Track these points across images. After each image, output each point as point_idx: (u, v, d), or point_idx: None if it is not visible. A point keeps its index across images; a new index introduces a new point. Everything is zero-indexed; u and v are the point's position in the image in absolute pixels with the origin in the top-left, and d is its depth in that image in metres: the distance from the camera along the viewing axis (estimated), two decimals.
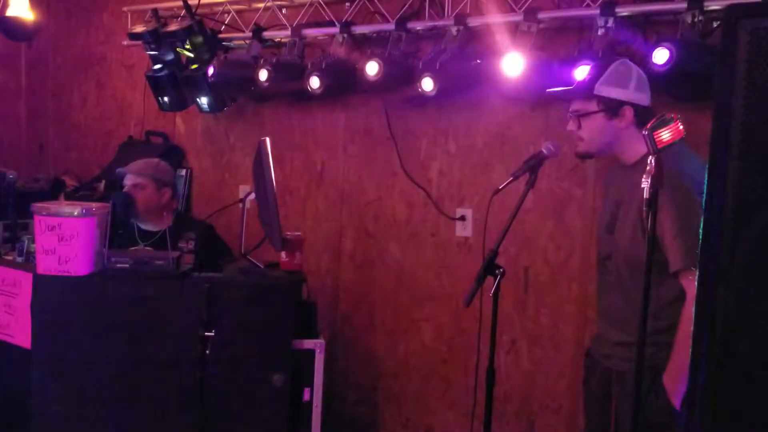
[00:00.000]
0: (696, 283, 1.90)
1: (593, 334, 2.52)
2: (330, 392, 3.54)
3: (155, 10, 3.91)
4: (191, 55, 3.74)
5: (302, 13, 3.49)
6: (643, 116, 2.13)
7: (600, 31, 2.60)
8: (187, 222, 3.34)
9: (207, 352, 2.52)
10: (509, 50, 2.73)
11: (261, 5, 3.63)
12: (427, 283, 3.37)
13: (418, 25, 3.13)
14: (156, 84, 3.91)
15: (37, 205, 2.59)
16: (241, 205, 3.06)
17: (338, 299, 3.66)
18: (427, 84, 2.89)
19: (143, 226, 3.25)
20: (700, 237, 1.53)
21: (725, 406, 1.49)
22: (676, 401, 2.04)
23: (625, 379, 2.15)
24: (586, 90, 2.20)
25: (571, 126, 2.26)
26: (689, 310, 1.97)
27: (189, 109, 3.98)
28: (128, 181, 3.20)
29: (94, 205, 2.71)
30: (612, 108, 2.17)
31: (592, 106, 2.19)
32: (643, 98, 2.19)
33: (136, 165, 3.26)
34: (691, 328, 1.92)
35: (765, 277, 1.44)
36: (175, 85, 3.85)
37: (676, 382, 2.03)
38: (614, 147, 2.24)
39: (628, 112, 2.16)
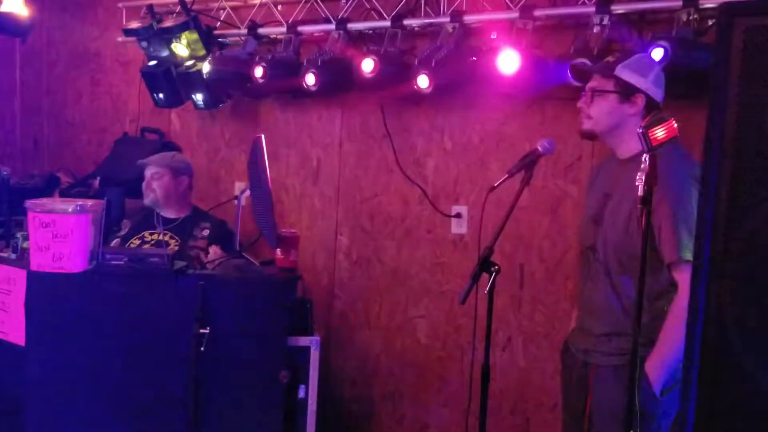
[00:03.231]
0: (689, 277, 1.94)
1: (572, 327, 2.51)
2: (325, 389, 3.54)
3: (150, 6, 3.89)
4: (187, 51, 3.74)
5: (298, 9, 3.49)
6: (652, 110, 2.15)
7: (596, 29, 2.60)
8: (203, 215, 3.52)
9: (202, 349, 2.51)
10: (505, 47, 2.73)
11: (257, 1, 3.63)
12: (422, 281, 3.37)
13: (414, 22, 3.12)
14: (151, 80, 3.90)
15: (31, 202, 2.58)
16: (236, 202, 3.06)
17: (333, 296, 3.66)
18: (423, 81, 2.88)
19: (163, 213, 3.43)
20: (695, 233, 1.54)
21: (718, 402, 1.50)
22: (657, 388, 2.08)
23: (606, 374, 2.19)
24: (607, 68, 2.23)
25: (582, 102, 2.28)
26: (681, 302, 2.00)
27: (184, 105, 3.97)
28: (147, 171, 3.43)
29: (88, 201, 2.70)
30: (626, 92, 2.19)
31: (609, 85, 2.21)
32: (658, 93, 2.20)
33: (154, 157, 3.50)
34: (681, 320, 1.95)
35: (758, 274, 1.44)
36: (170, 82, 3.83)
37: (658, 368, 2.07)
38: (615, 134, 2.24)
39: (640, 101, 2.18)
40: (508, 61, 2.70)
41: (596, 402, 2.22)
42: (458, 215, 3.24)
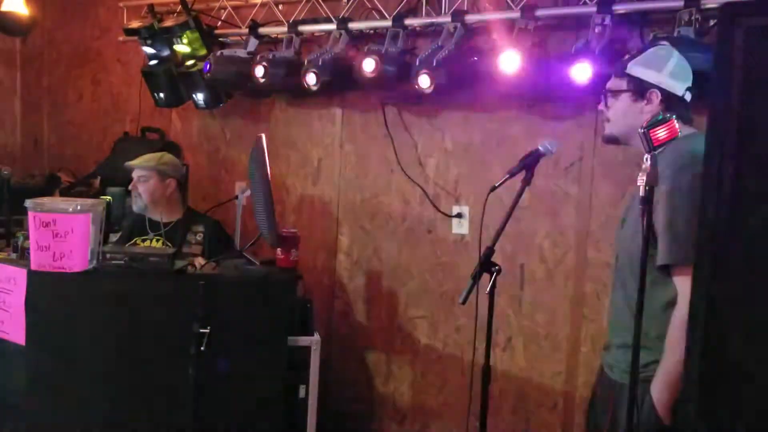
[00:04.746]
0: (688, 282, 1.89)
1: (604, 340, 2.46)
2: (325, 389, 3.54)
3: (151, 6, 3.89)
4: (187, 51, 3.73)
5: (298, 9, 3.49)
6: (673, 105, 2.03)
7: (597, 29, 2.60)
8: (196, 216, 3.41)
9: (202, 348, 2.51)
10: (506, 47, 2.73)
11: (258, 1, 3.63)
12: (423, 281, 3.37)
13: (415, 22, 3.12)
14: (152, 80, 3.90)
15: (31, 201, 2.58)
16: (236, 201, 3.05)
17: (334, 296, 3.66)
18: (424, 81, 2.88)
19: (153, 217, 3.32)
20: (697, 234, 1.54)
21: (719, 402, 1.49)
22: (664, 412, 1.92)
23: (625, 392, 2.02)
24: (620, 67, 2.12)
25: (601, 105, 2.18)
26: (680, 312, 1.88)
27: (185, 105, 3.97)
28: (134, 174, 3.32)
29: (89, 201, 2.70)
30: (639, 89, 2.06)
31: (622, 85, 2.11)
32: (677, 86, 2.05)
33: (140, 158, 3.36)
34: (680, 335, 1.88)
35: (759, 275, 1.44)
36: (171, 81, 3.83)
37: (664, 391, 1.91)
38: (635, 135, 2.03)
39: (655, 97, 2.04)
40: (510, 61, 2.70)
41: (616, 420, 2.15)
42: (459, 215, 3.24)
